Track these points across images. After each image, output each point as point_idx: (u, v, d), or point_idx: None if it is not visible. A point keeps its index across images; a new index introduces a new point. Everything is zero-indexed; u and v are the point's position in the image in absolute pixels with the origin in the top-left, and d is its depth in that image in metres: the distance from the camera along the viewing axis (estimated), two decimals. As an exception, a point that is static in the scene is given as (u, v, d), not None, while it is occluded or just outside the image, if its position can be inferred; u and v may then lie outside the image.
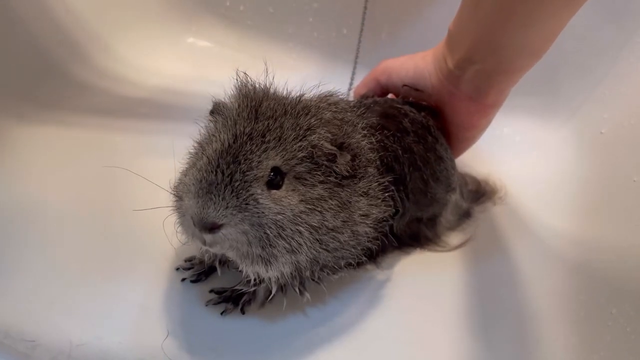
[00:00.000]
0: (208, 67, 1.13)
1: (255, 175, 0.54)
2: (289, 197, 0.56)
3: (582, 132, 0.96)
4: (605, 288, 0.71)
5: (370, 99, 0.78)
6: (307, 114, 0.58)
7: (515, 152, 0.98)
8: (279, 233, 0.55)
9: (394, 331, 0.67)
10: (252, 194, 0.53)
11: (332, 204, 0.58)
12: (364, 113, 0.70)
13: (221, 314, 0.65)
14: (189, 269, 0.70)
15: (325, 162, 0.57)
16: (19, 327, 0.58)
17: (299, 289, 0.63)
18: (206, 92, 0.63)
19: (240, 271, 0.60)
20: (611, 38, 0.95)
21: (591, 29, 0.95)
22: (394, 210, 0.68)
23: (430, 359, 0.64)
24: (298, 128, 0.57)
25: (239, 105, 0.58)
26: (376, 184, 0.63)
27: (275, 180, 0.55)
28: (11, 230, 0.72)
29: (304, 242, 0.56)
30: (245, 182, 0.53)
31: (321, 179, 0.57)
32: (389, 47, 1.09)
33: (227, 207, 0.52)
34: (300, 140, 0.56)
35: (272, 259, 0.56)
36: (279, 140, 0.56)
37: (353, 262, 0.65)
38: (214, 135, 0.57)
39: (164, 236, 0.63)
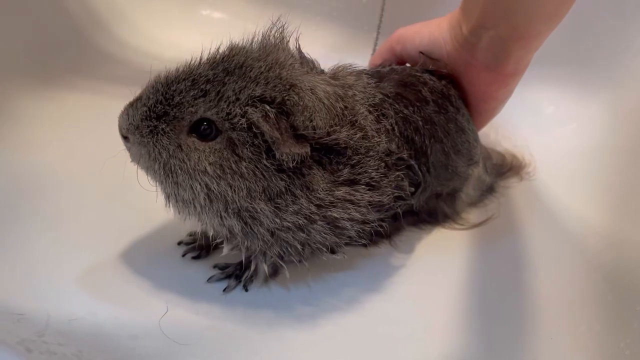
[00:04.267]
0: (224, 39, 1.10)
1: (166, 112, 0.53)
2: (205, 154, 0.53)
3: (618, 105, 0.89)
4: (636, 271, 0.65)
5: (388, 67, 0.74)
6: (265, 84, 0.53)
7: (546, 126, 0.92)
8: (167, 175, 0.54)
9: (401, 311, 0.64)
10: (155, 126, 0.53)
11: (249, 185, 0.54)
12: (379, 83, 0.65)
13: (223, 291, 0.63)
14: (190, 243, 0.67)
15: (261, 142, 0.53)
16: (7, 300, 0.56)
17: (267, 267, 0.62)
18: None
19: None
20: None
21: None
22: (412, 189, 0.64)
23: (440, 341, 0.61)
24: (241, 93, 0.52)
25: (219, 50, 0.55)
26: (374, 168, 0.59)
27: (205, 131, 0.53)
28: (17, 200, 0.71)
29: (199, 202, 0.55)
30: (155, 112, 0.53)
31: (250, 156, 0.53)
32: (413, 15, 1.04)
33: (131, 123, 0.54)
34: (239, 106, 0.52)
35: (169, 197, 0.57)
36: (218, 95, 0.52)
37: (352, 243, 0.61)
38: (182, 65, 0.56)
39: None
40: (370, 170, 0.59)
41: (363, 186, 0.58)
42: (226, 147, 0.53)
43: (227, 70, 0.53)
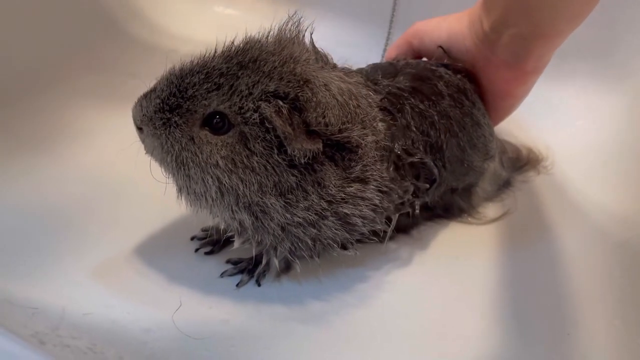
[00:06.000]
0: (237, 34, 1.11)
1: (179, 104, 0.53)
2: (217, 147, 0.53)
3: (636, 97, 0.88)
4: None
5: (403, 61, 0.73)
6: (279, 80, 0.52)
7: (563, 119, 0.91)
8: (180, 167, 0.55)
9: (414, 308, 0.63)
10: (169, 119, 0.53)
11: (260, 180, 0.53)
12: (394, 77, 0.65)
13: (236, 285, 0.62)
14: (204, 238, 0.67)
15: (273, 137, 0.52)
16: (22, 294, 0.56)
17: (278, 262, 0.62)
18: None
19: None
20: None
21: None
22: (427, 185, 0.64)
23: (456, 338, 0.60)
24: (254, 88, 0.52)
25: (233, 43, 0.55)
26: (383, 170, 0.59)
27: (218, 124, 0.53)
28: (43, 195, 0.71)
29: (210, 195, 0.55)
30: (168, 105, 0.53)
31: (261, 151, 0.53)
32: (427, 9, 1.03)
33: (144, 115, 0.54)
34: (252, 101, 0.52)
35: (181, 189, 0.57)
36: (232, 89, 0.52)
37: (364, 239, 0.61)
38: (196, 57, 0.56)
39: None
40: (380, 170, 0.58)
41: (372, 186, 0.58)
42: (238, 141, 0.53)
43: (241, 64, 0.53)
